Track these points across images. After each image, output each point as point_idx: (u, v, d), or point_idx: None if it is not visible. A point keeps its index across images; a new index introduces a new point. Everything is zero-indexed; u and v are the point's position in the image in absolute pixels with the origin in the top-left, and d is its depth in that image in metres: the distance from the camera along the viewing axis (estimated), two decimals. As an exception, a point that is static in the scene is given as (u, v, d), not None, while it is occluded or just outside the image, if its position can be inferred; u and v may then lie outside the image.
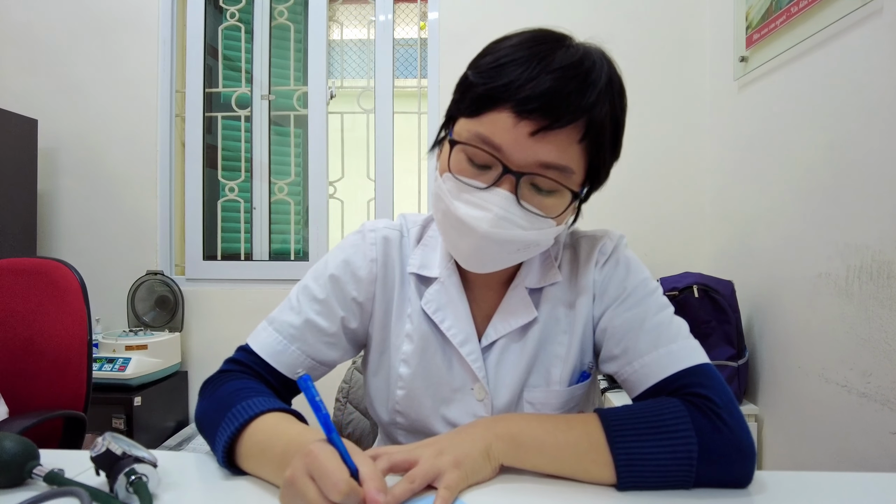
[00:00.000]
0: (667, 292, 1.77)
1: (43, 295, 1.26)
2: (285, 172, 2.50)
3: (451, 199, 0.65)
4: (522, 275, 0.74)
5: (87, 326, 1.26)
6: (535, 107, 0.59)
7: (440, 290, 0.74)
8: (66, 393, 1.25)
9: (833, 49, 1.38)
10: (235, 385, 0.68)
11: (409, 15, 2.62)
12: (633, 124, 2.43)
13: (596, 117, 0.62)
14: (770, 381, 1.69)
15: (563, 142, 0.61)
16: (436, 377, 0.74)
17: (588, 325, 0.75)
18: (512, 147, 0.61)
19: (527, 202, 0.63)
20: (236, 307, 2.32)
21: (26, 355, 1.24)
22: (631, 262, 0.75)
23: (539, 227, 0.65)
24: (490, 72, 0.62)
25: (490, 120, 0.62)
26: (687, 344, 0.68)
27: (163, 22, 2.37)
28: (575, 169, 0.63)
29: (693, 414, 0.60)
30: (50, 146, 2.34)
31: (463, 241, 0.65)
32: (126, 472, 0.55)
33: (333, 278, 0.76)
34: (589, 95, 0.61)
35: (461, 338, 0.73)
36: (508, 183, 0.62)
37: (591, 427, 0.60)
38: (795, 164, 1.54)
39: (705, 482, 0.58)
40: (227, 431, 0.61)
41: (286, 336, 0.74)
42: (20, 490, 0.58)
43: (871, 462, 1.23)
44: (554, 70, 0.60)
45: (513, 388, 0.73)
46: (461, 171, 0.65)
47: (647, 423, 0.60)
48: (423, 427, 0.75)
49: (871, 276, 1.24)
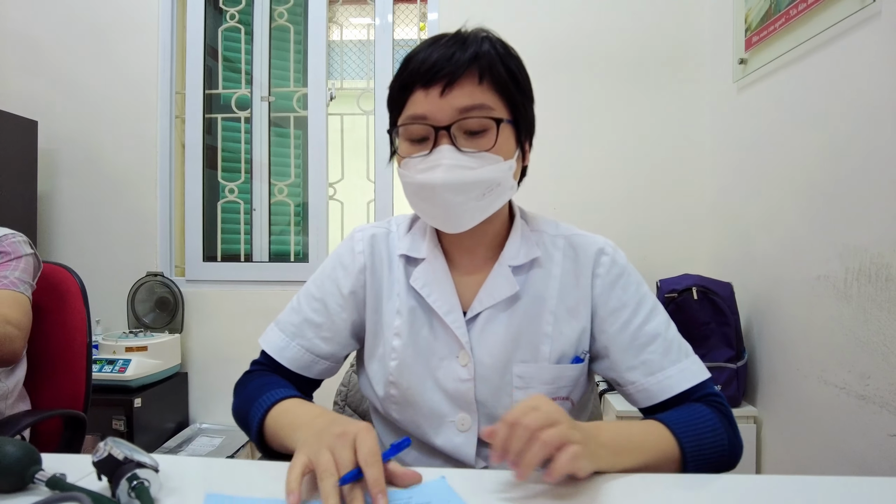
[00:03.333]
0: (666, 294, 1.78)
1: (43, 299, 1.27)
2: (285, 174, 2.50)
3: (412, 175, 0.75)
4: (505, 254, 0.81)
5: (87, 329, 1.28)
6: (433, 73, 0.71)
7: (427, 269, 0.81)
8: (65, 395, 1.26)
9: (832, 51, 1.39)
10: (257, 382, 0.81)
11: (409, 16, 2.62)
12: (633, 126, 2.42)
13: (483, 61, 0.73)
14: (769, 383, 1.69)
15: (466, 88, 0.72)
16: (425, 347, 0.80)
17: (582, 319, 0.80)
18: (432, 110, 0.72)
19: (465, 147, 0.73)
20: (236, 308, 2.32)
21: (28, 357, 1.24)
22: (632, 273, 0.82)
23: (488, 164, 0.73)
24: (401, 72, 0.76)
25: (411, 102, 0.74)
26: (696, 359, 0.80)
27: (163, 23, 2.37)
28: (491, 104, 0.73)
29: (719, 416, 0.74)
30: (50, 147, 2.35)
31: (431, 203, 0.74)
32: (128, 476, 0.55)
33: (327, 276, 0.86)
34: (470, 49, 0.73)
35: (446, 308, 0.79)
36: (445, 139, 0.73)
37: (654, 425, 0.71)
38: (794, 167, 1.55)
39: (722, 467, 0.72)
40: (255, 421, 0.74)
41: (288, 334, 0.85)
42: (22, 495, 0.58)
43: (869, 464, 1.23)
44: (440, 46, 0.74)
45: (498, 357, 0.78)
46: (409, 151, 0.75)
47: (693, 421, 0.72)
48: (413, 396, 0.80)
49: (870, 278, 1.24)
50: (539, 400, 0.61)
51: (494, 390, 0.78)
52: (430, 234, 0.84)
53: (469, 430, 0.79)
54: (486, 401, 0.78)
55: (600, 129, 2.21)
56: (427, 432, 0.80)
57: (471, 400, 0.78)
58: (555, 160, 2.17)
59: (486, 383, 0.78)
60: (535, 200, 0.90)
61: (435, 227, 0.80)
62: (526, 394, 0.78)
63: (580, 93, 2.20)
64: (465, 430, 0.79)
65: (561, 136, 2.18)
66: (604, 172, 2.20)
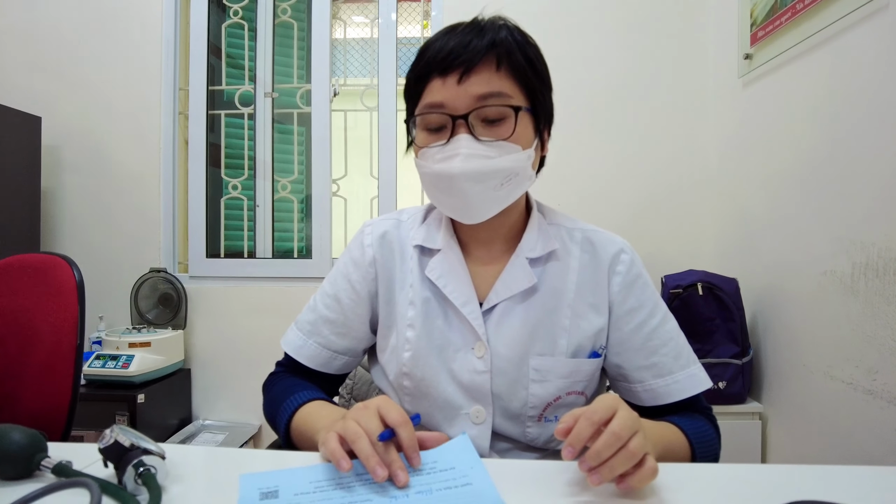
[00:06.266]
0: (671, 289, 1.77)
1: (33, 292, 1.12)
2: (288, 170, 2.50)
3: (429, 165, 0.74)
4: (522, 246, 0.80)
5: (79, 329, 1.09)
6: (450, 61, 0.71)
7: (443, 259, 0.81)
8: (47, 400, 1.07)
9: (838, 46, 1.38)
10: (281, 385, 0.83)
11: (413, 13, 2.62)
12: (638, 121, 2.41)
13: (501, 48, 0.72)
14: (775, 379, 1.69)
15: (485, 75, 0.71)
16: (439, 338, 0.79)
17: (601, 314, 0.80)
18: (450, 98, 0.71)
19: (483, 136, 0.72)
20: (239, 305, 2.31)
21: (11, 357, 1.09)
22: (647, 276, 0.83)
23: (506, 153, 0.72)
24: (417, 61, 0.75)
25: (428, 91, 0.73)
26: (701, 367, 0.81)
27: (166, 20, 2.37)
28: (509, 92, 0.72)
29: (717, 435, 0.79)
30: (53, 143, 2.34)
31: (448, 193, 0.73)
32: (134, 463, 0.55)
33: (340, 273, 0.87)
34: (487, 36, 0.72)
35: (462, 299, 0.78)
36: (463, 128, 0.72)
37: (675, 430, 0.75)
38: (800, 161, 1.54)
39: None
40: (282, 426, 0.76)
41: (305, 332, 0.86)
42: (29, 482, 0.58)
43: (876, 460, 1.22)
44: (457, 34, 0.73)
45: (515, 350, 0.77)
46: (426, 141, 0.75)
47: (702, 432, 0.77)
48: (427, 388, 0.79)
49: (877, 273, 1.23)
50: (616, 401, 0.58)
51: (511, 383, 0.77)
52: (446, 224, 0.83)
53: (483, 422, 0.78)
54: (501, 393, 0.78)
55: (605, 123, 2.20)
56: (441, 424, 0.80)
57: (486, 392, 0.77)
58: (560, 155, 2.15)
59: (502, 375, 0.77)
60: (539, 196, 0.89)
61: (452, 217, 0.79)
62: (542, 387, 0.77)
63: (584, 88, 2.19)
64: (480, 423, 0.78)
65: (565, 131, 2.17)
66: (609, 168, 2.19)
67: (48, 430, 0.99)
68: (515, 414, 0.78)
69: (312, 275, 2.35)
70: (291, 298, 2.27)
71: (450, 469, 0.60)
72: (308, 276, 2.35)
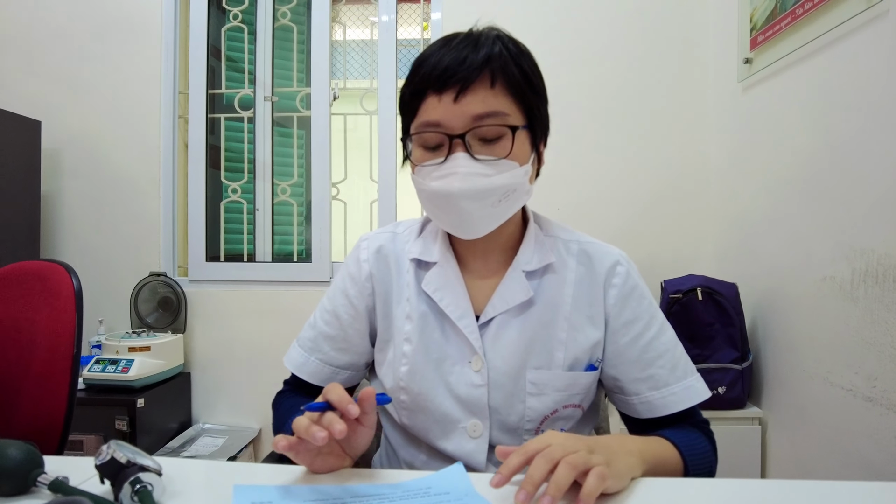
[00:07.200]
0: (671, 294, 1.77)
1: (31, 300, 1.11)
2: (288, 174, 2.49)
3: (426, 182, 0.74)
4: (519, 259, 0.80)
5: (76, 337, 1.07)
6: (445, 79, 0.70)
7: (439, 273, 0.81)
8: (44, 409, 1.05)
9: (839, 51, 1.38)
10: (287, 405, 0.85)
11: (412, 15, 2.62)
12: (637, 126, 2.41)
13: (496, 64, 0.71)
14: (774, 385, 1.68)
15: (480, 93, 0.71)
16: (436, 352, 0.79)
17: (597, 327, 0.80)
18: (447, 117, 0.71)
19: (480, 154, 0.71)
20: (239, 308, 2.31)
21: (8, 365, 1.07)
22: (644, 288, 0.83)
23: (504, 170, 0.72)
24: (412, 77, 0.75)
25: (424, 108, 0.73)
26: (699, 378, 0.81)
27: (166, 23, 2.37)
28: (506, 110, 0.72)
29: (712, 448, 0.79)
30: (53, 147, 2.34)
31: (447, 210, 0.73)
32: (131, 480, 0.55)
33: (338, 289, 0.87)
34: (482, 51, 0.71)
35: (459, 313, 0.78)
36: (460, 147, 0.71)
37: (666, 444, 0.74)
38: (800, 167, 1.54)
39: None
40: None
41: (306, 349, 0.87)
42: (25, 498, 0.58)
43: (876, 467, 1.22)
44: (451, 49, 0.72)
45: (511, 364, 0.77)
46: (423, 158, 0.74)
47: (696, 446, 0.76)
48: (424, 402, 0.79)
49: (877, 279, 1.23)
50: (552, 436, 0.60)
51: (507, 396, 0.77)
52: (442, 237, 0.83)
53: (480, 436, 0.78)
54: (498, 407, 0.78)
55: (604, 128, 2.20)
56: (438, 438, 0.79)
57: (483, 406, 0.77)
58: (558, 160, 2.15)
59: (499, 389, 0.77)
60: (538, 200, 0.89)
61: (450, 232, 0.79)
62: (539, 400, 0.77)
63: (583, 92, 2.19)
64: (477, 437, 0.78)
65: (565, 137, 2.17)
66: (608, 172, 2.18)
67: (44, 439, 1.04)
68: (512, 427, 0.78)
69: (312, 279, 2.35)
70: (291, 302, 2.27)
71: (444, 494, 0.59)
72: (308, 279, 2.35)
